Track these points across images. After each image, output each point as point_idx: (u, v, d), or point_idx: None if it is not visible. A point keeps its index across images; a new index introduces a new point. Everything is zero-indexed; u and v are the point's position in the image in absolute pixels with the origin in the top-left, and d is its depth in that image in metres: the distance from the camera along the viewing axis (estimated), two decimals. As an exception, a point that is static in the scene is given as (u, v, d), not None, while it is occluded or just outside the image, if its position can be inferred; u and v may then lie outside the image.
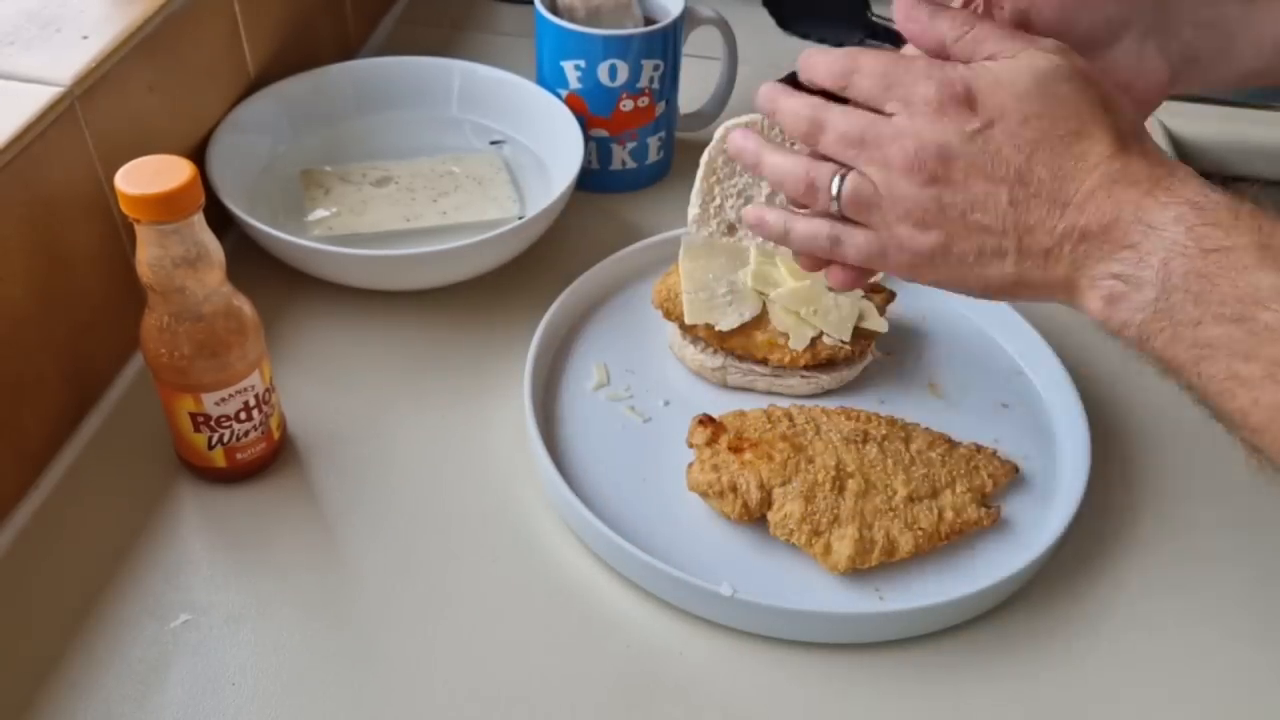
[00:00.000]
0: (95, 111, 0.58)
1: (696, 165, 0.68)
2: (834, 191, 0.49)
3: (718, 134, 0.67)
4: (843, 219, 0.50)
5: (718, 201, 0.68)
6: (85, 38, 0.59)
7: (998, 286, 0.48)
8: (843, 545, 0.54)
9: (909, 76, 0.47)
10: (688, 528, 0.58)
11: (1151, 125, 0.91)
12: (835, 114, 0.49)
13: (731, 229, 0.68)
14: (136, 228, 0.50)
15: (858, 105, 0.49)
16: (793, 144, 0.54)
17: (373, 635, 0.53)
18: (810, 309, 0.64)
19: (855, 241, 0.50)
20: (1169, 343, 0.43)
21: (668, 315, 0.65)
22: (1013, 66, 0.47)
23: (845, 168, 0.49)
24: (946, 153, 0.46)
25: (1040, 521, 0.58)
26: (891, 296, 0.67)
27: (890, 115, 0.48)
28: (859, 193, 0.48)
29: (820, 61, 0.50)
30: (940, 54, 0.49)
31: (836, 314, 0.64)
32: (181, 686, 0.50)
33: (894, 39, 0.98)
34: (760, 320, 0.64)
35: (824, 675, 0.53)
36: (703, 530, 0.58)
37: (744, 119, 0.68)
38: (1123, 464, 0.63)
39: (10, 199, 0.53)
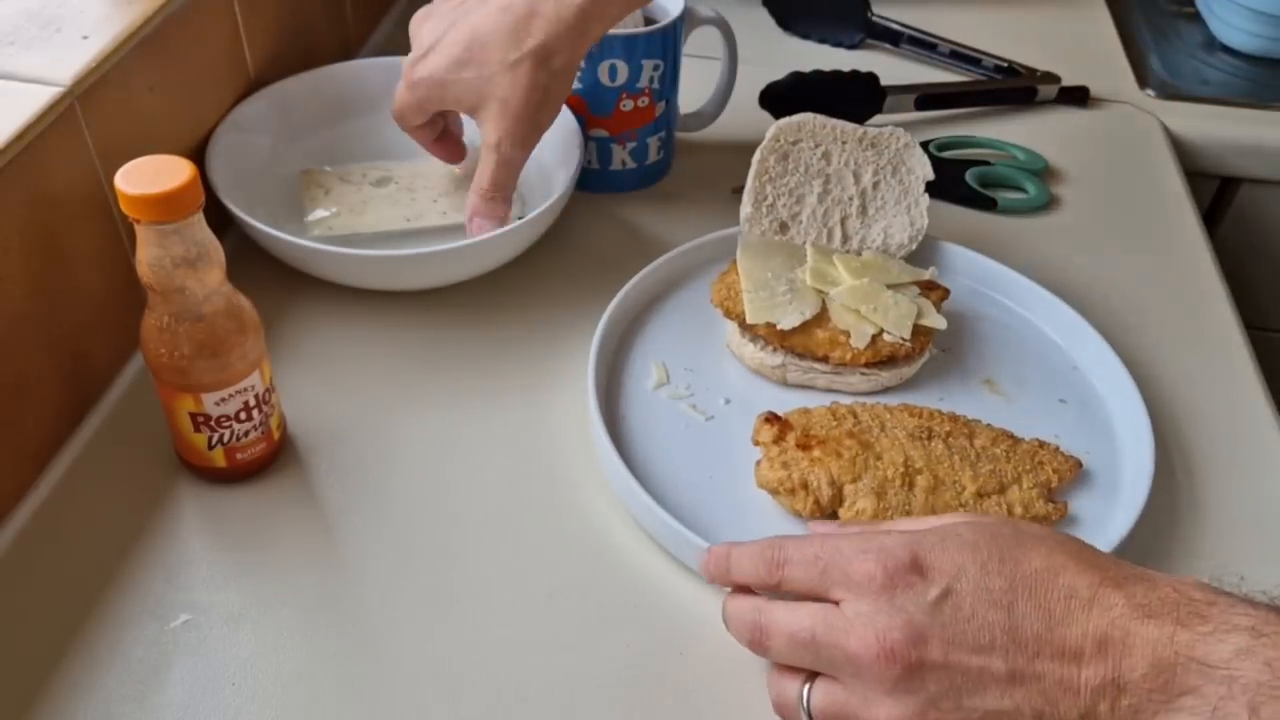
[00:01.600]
0: (95, 111, 0.58)
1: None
2: (804, 704, 0.43)
3: (769, 133, 0.67)
4: None
5: (769, 200, 0.68)
6: (85, 38, 0.59)
7: None
8: None
9: (843, 555, 0.43)
10: (755, 525, 0.57)
11: (1150, 125, 0.91)
12: (779, 613, 0.44)
13: (784, 227, 0.68)
14: (136, 228, 0.50)
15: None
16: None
17: (373, 635, 0.53)
18: (870, 306, 0.64)
19: None
20: None
21: (728, 314, 0.65)
22: (943, 526, 0.43)
23: (813, 674, 0.44)
24: (914, 632, 0.40)
25: (1106, 516, 0.58)
26: (946, 293, 0.67)
27: (838, 603, 0.42)
28: (829, 706, 0.42)
29: (745, 561, 0.46)
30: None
31: (896, 311, 0.64)
32: (181, 686, 0.50)
33: (894, 39, 0.98)
34: (820, 318, 0.64)
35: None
36: (771, 528, 0.57)
37: (796, 119, 0.68)
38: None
39: (10, 199, 0.53)
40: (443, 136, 0.72)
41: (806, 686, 0.44)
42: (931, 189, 0.70)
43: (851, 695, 0.42)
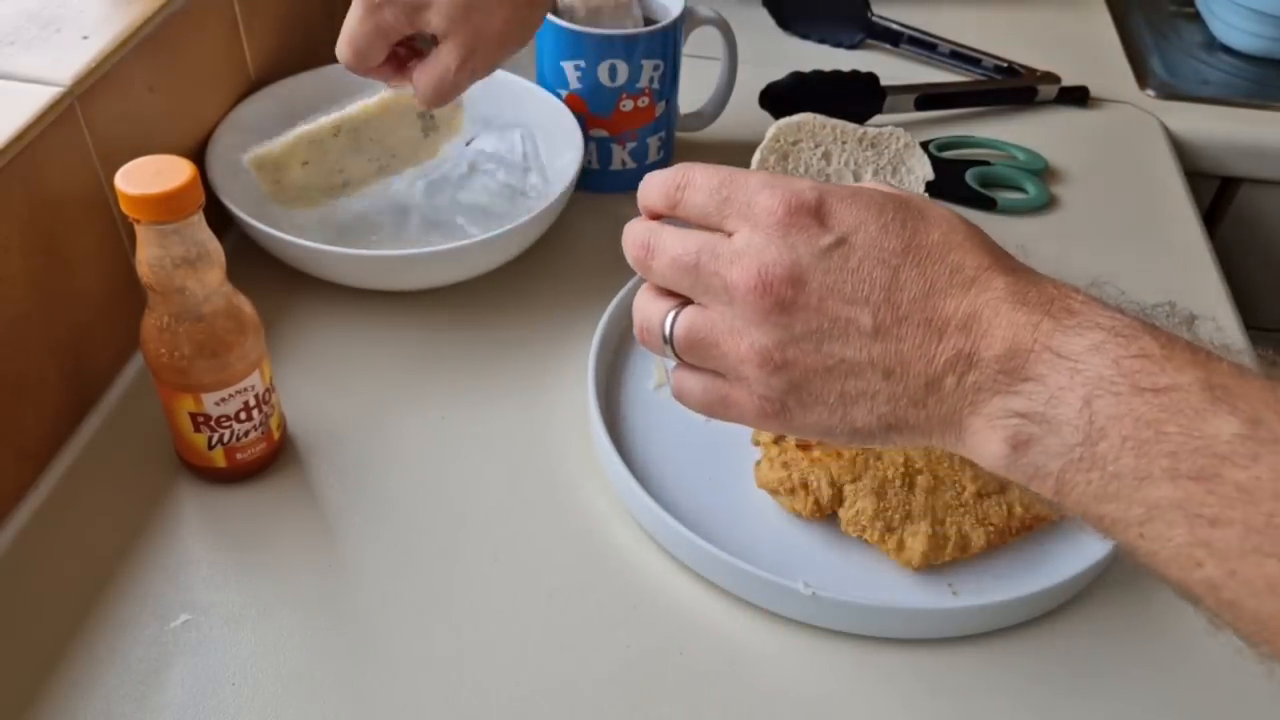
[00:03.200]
0: (95, 111, 0.58)
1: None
2: (668, 328, 0.43)
3: (769, 133, 0.67)
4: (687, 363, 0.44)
5: None
6: (85, 38, 0.59)
7: (866, 432, 0.41)
8: (916, 541, 0.55)
9: (748, 188, 0.42)
10: (755, 525, 0.58)
11: (1151, 125, 0.91)
12: (668, 235, 0.43)
13: None
14: (136, 228, 0.50)
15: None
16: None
17: (373, 635, 0.53)
18: None
19: (689, 388, 0.44)
20: (1099, 497, 0.36)
21: None
22: (859, 185, 0.42)
23: (685, 302, 0.43)
24: (797, 271, 0.40)
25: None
26: None
27: (730, 235, 0.42)
28: (693, 330, 0.42)
29: (653, 187, 0.45)
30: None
31: None
32: (181, 686, 0.50)
33: (894, 39, 0.98)
34: None
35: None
36: (770, 528, 0.58)
37: (796, 119, 0.68)
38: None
39: (10, 199, 0.53)
40: (404, 64, 0.65)
41: (673, 312, 0.43)
42: (931, 189, 0.70)
43: (717, 323, 0.42)
